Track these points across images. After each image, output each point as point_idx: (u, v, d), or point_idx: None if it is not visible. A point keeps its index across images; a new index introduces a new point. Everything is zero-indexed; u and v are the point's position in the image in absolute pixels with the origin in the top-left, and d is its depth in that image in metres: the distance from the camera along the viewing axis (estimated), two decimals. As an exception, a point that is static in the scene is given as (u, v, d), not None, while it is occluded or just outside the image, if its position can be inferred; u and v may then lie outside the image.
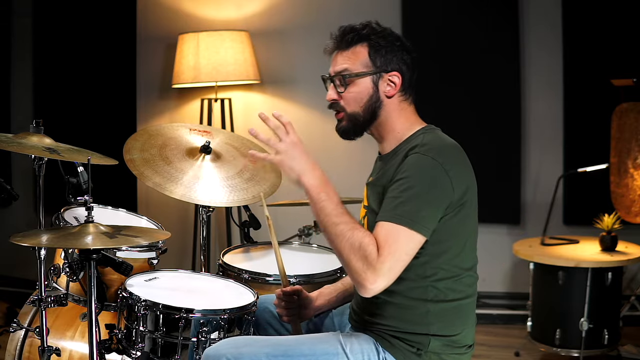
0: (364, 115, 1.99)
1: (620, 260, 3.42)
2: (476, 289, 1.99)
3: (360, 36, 1.97)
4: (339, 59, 2.00)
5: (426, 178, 1.83)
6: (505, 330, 4.12)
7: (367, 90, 1.98)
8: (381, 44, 1.97)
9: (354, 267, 1.78)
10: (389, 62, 1.97)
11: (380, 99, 1.98)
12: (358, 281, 1.78)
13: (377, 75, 1.97)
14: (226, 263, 2.57)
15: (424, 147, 1.88)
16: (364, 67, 1.97)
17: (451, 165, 1.85)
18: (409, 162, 1.86)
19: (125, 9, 4.56)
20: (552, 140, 4.21)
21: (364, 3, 4.25)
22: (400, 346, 1.93)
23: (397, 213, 1.80)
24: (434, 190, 1.83)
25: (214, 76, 4.10)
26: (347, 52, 1.98)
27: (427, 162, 1.84)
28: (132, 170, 2.52)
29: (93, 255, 1.99)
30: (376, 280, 1.75)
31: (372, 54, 1.97)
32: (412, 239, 1.80)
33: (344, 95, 1.99)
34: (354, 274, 1.79)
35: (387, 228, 1.80)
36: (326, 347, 1.93)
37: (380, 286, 1.77)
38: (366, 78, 1.97)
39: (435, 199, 1.83)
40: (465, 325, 1.96)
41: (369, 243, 1.78)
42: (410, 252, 1.80)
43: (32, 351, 2.47)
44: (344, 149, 4.33)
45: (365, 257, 1.77)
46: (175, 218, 4.57)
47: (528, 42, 4.18)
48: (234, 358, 1.87)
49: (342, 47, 1.99)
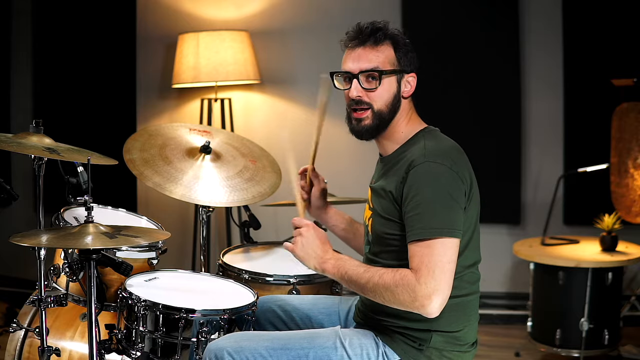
0: (388, 114, 1.99)
1: (621, 261, 3.42)
2: (479, 287, 2.00)
3: (386, 34, 1.98)
4: (369, 55, 1.97)
5: (439, 183, 1.84)
6: (505, 330, 4.11)
7: (392, 89, 1.98)
8: (402, 43, 1.99)
9: (404, 302, 1.80)
10: (409, 63, 2.00)
11: (400, 98, 2.00)
12: (416, 311, 1.80)
13: (401, 74, 1.99)
14: (226, 263, 2.56)
15: (429, 154, 1.88)
16: (392, 65, 1.98)
17: (457, 165, 1.87)
18: (417, 173, 1.86)
19: (125, 9, 4.55)
20: (552, 140, 4.20)
21: (364, 3, 4.25)
22: (402, 341, 1.94)
23: (424, 228, 1.81)
24: (450, 192, 1.84)
25: (213, 76, 4.10)
26: (377, 49, 1.97)
27: (435, 169, 1.85)
28: (132, 170, 2.52)
29: (93, 255, 1.99)
30: (430, 300, 1.77)
31: (397, 52, 1.98)
32: (447, 246, 1.81)
33: (372, 93, 1.97)
34: (408, 308, 1.81)
35: (419, 248, 1.81)
36: (324, 341, 1.96)
37: (438, 303, 1.77)
38: (393, 77, 1.98)
39: (454, 200, 1.84)
40: (468, 322, 1.96)
41: (401, 274, 1.81)
42: (452, 257, 1.81)
43: (31, 351, 2.47)
44: (344, 148, 4.33)
45: (405, 287, 1.79)
46: (175, 218, 4.57)
47: (528, 42, 4.18)
48: (234, 351, 1.91)
49: (370, 44, 1.97)
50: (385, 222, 1.96)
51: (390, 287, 1.81)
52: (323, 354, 1.93)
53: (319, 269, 1.95)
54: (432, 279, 1.77)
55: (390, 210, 1.93)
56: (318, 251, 1.95)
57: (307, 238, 1.96)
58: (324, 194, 2.37)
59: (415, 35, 2.15)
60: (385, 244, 1.97)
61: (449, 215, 1.82)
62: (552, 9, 4.12)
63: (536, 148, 4.24)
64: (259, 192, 2.65)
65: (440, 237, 1.80)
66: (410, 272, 1.81)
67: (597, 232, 3.62)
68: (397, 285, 1.80)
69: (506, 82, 4.19)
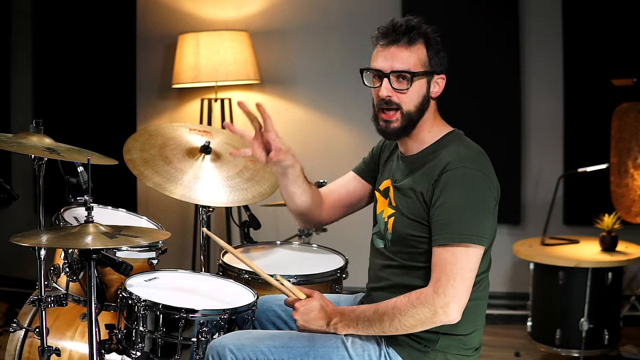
0: (416, 115, 1.97)
1: (621, 260, 3.42)
2: (487, 293, 2.00)
3: (421, 33, 1.96)
4: (402, 55, 1.94)
5: (474, 190, 1.85)
6: (505, 330, 4.11)
7: (422, 90, 1.97)
8: (436, 44, 1.97)
9: (427, 320, 1.82)
10: (439, 63, 1.98)
11: (428, 99, 1.98)
12: (440, 323, 1.81)
13: (431, 76, 1.97)
14: (226, 263, 2.56)
15: (465, 160, 1.88)
16: (423, 67, 1.96)
17: (489, 173, 1.89)
18: (452, 178, 1.86)
19: (125, 9, 4.55)
20: (552, 140, 4.20)
21: (364, 3, 4.25)
22: (406, 342, 1.93)
23: (453, 233, 1.81)
24: (483, 199, 1.85)
25: (213, 76, 4.10)
26: (410, 48, 1.95)
27: (471, 175, 1.86)
28: (132, 170, 2.52)
29: (93, 255, 1.99)
30: (449, 307, 1.79)
31: (429, 53, 1.96)
32: (472, 254, 1.81)
33: (402, 94, 1.95)
34: (433, 323, 1.82)
35: (443, 253, 1.81)
36: (326, 340, 1.96)
37: (457, 308, 1.79)
38: (423, 78, 1.96)
39: (486, 207, 1.85)
40: (476, 327, 1.97)
41: (417, 295, 1.82)
42: (474, 265, 1.82)
43: (32, 351, 2.47)
44: (344, 148, 4.33)
45: (423, 303, 1.80)
46: (175, 218, 4.56)
47: (528, 42, 4.18)
48: (236, 348, 1.92)
49: (403, 43, 1.95)
50: (411, 223, 1.94)
51: (408, 311, 1.82)
52: (324, 352, 1.93)
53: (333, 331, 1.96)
54: (452, 286, 1.78)
55: (419, 212, 1.92)
56: (321, 322, 1.96)
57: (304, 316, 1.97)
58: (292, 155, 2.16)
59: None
60: (408, 245, 1.96)
61: (480, 223, 1.83)
62: (552, 9, 4.12)
63: (536, 148, 4.24)
64: (259, 192, 2.65)
65: (467, 245, 1.80)
66: (426, 288, 1.81)
67: (597, 232, 3.62)
68: (414, 306, 1.81)
69: (506, 82, 4.19)
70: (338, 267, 2.55)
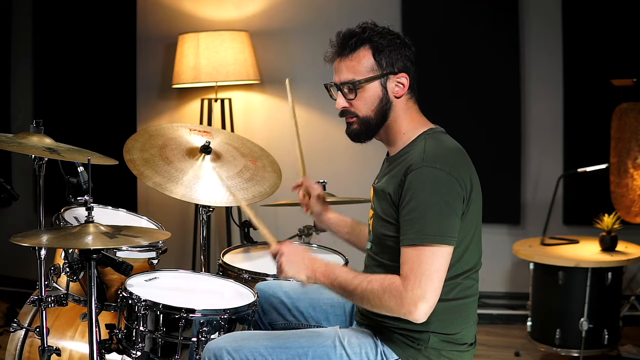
0: (376, 119, 1.98)
1: (620, 260, 3.42)
2: (477, 290, 1.99)
3: (362, 39, 1.94)
4: (344, 66, 1.96)
5: (437, 189, 1.83)
6: (505, 330, 4.12)
7: (377, 93, 1.96)
8: (384, 44, 1.94)
9: (391, 308, 1.81)
10: (394, 62, 1.95)
11: (390, 100, 1.97)
12: (403, 317, 1.81)
13: (385, 77, 1.96)
14: (226, 263, 2.57)
15: (427, 159, 1.86)
16: (371, 71, 1.95)
17: (456, 170, 1.86)
18: (414, 178, 1.85)
19: (125, 9, 4.56)
20: (552, 140, 4.21)
21: (364, 3, 4.25)
22: (400, 341, 1.94)
23: (416, 233, 1.81)
24: (446, 199, 1.83)
25: (214, 76, 4.10)
26: (351, 58, 1.95)
27: (433, 174, 1.84)
28: (132, 170, 2.53)
29: (93, 255, 1.99)
30: (416, 307, 1.77)
31: (376, 56, 1.94)
32: (437, 254, 1.80)
33: (354, 102, 1.97)
34: (395, 313, 1.81)
35: (409, 254, 1.81)
36: (324, 340, 1.96)
37: (424, 310, 1.78)
38: (375, 82, 1.96)
39: (450, 207, 1.83)
40: (466, 325, 1.96)
41: (389, 281, 1.81)
42: (441, 266, 1.81)
43: (32, 351, 2.47)
44: (344, 148, 4.33)
45: (393, 293, 1.79)
46: (175, 218, 4.57)
47: (528, 42, 4.18)
48: (233, 350, 1.92)
49: (344, 54, 1.96)
50: (384, 223, 1.95)
51: (378, 293, 1.82)
52: (322, 352, 1.93)
53: (312, 277, 1.93)
54: (419, 286, 1.77)
55: (389, 212, 1.93)
56: (305, 260, 1.94)
57: (289, 254, 1.95)
58: (322, 200, 2.40)
59: (415, 35, 2.14)
60: (384, 245, 1.97)
61: (443, 222, 1.81)
62: (552, 9, 4.12)
63: (536, 148, 4.24)
64: (259, 192, 2.65)
65: (432, 245, 1.79)
66: (398, 278, 1.81)
67: (597, 232, 3.62)
68: (384, 291, 1.81)
69: (506, 82, 4.19)
70: (338, 267, 2.55)
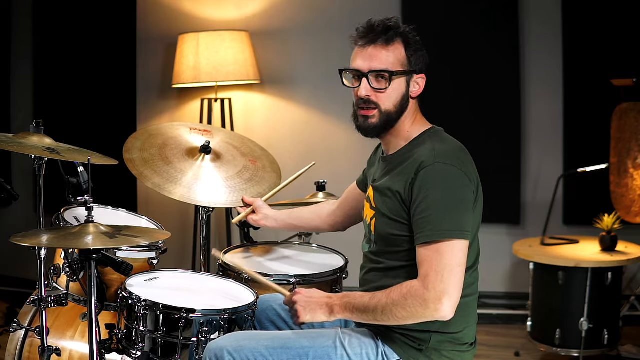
0: (395, 114, 1.98)
1: (620, 260, 3.43)
2: (477, 288, 2.00)
3: (399, 33, 1.96)
4: (380, 55, 1.95)
5: (451, 184, 1.84)
6: (505, 330, 4.12)
7: (401, 89, 1.97)
8: (414, 44, 1.98)
9: (417, 312, 1.80)
10: (418, 63, 1.98)
11: (408, 98, 1.99)
12: (431, 318, 1.80)
13: (411, 75, 1.97)
14: (226, 263, 2.56)
15: (439, 155, 1.87)
16: (402, 66, 1.96)
17: (465, 167, 1.88)
18: (427, 175, 1.85)
19: (125, 9, 4.56)
20: (552, 140, 4.21)
21: (364, 3, 4.25)
22: (401, 341, 1.94)
23: (433, 230, 1.81)
24: (461, 194, 1.84)
25: (214, 76, 4.10)
26: (388, 48, 1.95)
27: (446, 170, 1.85)
28: (132, 170, 2.52)
29: (93, 255, 1.99)
30: (441, 303, 1.77)
31: (408, 52, 1.96)
32: (457, 248, 1.80)
33: (380, 93, 1.96)
34: (422, 317, 1.81)
35: (427, 251, 1.81)
36: (325, 340, 1.96)
37: (449, 305, 1.77)
38: (402, 77, 1.97)
39: (464, 201, 1.84)
40: (467, 324, 1.96)
41: (408, 286, 1.81)
42: (461, 260, 1.81)
43: (32, 351, 2.47)
44: (344, 148, 4.33)
45: (415, 297, 1.79)
46: (175, 218, 4.57)
47: (528, 42, 4.18)
48: (234, 350, 1.92)
49: (381, 42, 1.95)
50: (392, 223, 1.94)
51: (400, 302, 1.81)
52: (323, 353, 1.93)
53: (330, 314, 1.93)
54: (441, 282, 1.77)
55: (398, 212, 1.92)
56: (320, 302, 1.94)
57: (303, 300, 1.95)
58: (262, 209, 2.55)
59: (415, 35, 2.15)
60: (391, 245, 1.96)
61: (460, 217, 1.82)
62: (552, 9, 4.12)
63: (536, 148, 4.24)
64: (259, 192, 2.65)
65: (450, 240, 1.79)
66: (416, 281, 1.80)
67: (597, 232, 3.63)
68: (406, 297, 1.80)
69: (506, 82, 4.19)
70: (338, 267, 2.56)
